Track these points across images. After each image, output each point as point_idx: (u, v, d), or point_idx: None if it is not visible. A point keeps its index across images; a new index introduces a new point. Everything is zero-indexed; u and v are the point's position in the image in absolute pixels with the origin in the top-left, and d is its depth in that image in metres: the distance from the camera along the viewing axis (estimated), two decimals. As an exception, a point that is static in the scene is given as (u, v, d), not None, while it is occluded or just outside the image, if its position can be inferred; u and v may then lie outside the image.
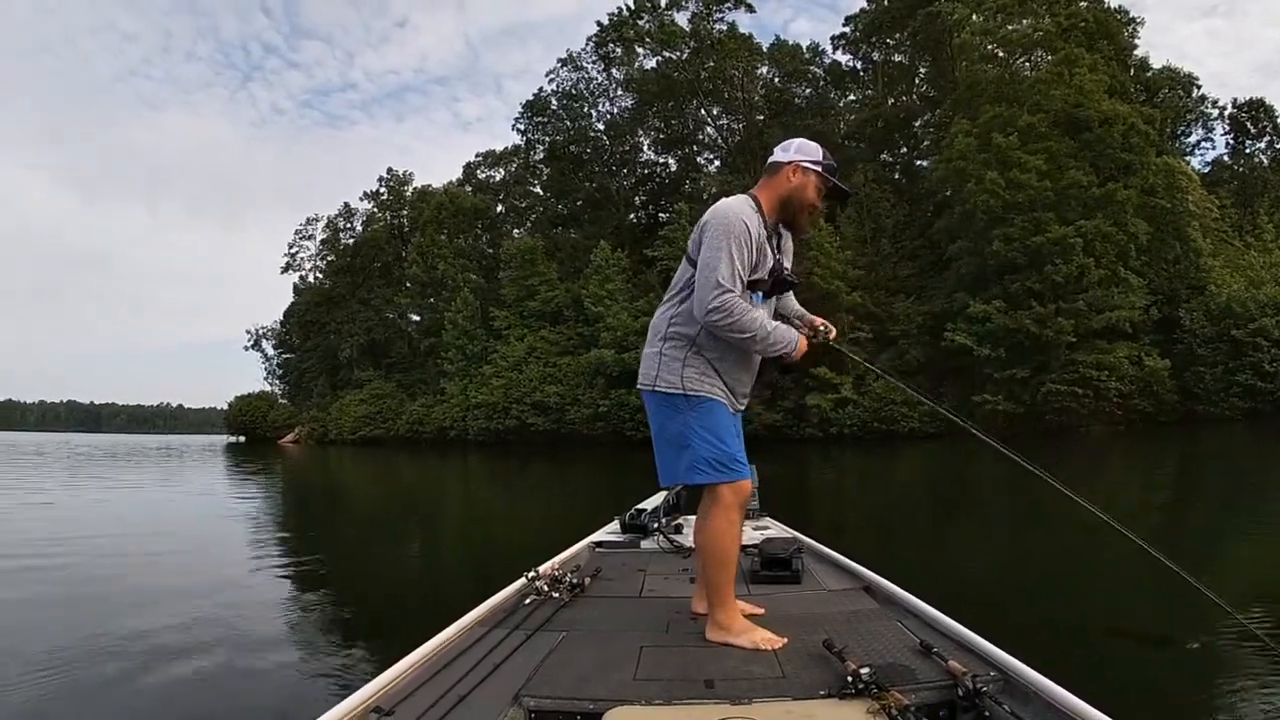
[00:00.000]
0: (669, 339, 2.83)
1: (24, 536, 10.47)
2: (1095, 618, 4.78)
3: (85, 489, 19.13)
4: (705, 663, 2.49)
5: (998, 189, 36.62)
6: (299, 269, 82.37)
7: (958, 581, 5.80)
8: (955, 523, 9.42)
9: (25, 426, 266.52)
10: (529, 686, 2.27)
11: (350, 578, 8.20)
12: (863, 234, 45.29)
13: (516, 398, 49.98)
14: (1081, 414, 35.12)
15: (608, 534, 5.03)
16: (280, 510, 16.44)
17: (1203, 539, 8.76)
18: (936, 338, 38.52)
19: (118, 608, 6.46)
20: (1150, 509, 11.69)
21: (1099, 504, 2.59)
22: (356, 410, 65.13)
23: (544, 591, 3.30)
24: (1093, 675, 3.72)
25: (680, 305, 2.84)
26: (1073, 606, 5.11)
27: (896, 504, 11.54)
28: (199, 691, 4.41)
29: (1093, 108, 37.77)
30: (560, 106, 61.90)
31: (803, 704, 2.09)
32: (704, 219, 2.77)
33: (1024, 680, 2.14)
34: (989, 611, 4.97)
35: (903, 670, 2.28)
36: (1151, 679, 3.76)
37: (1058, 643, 4.33)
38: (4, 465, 28.33)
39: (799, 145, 2.96)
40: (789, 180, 2.89)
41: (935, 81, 51.60)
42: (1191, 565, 6.54)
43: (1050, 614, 4.92)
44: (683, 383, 2.78)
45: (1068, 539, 8.14)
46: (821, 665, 2.39)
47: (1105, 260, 35.96)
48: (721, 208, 2.78)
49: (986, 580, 5.71)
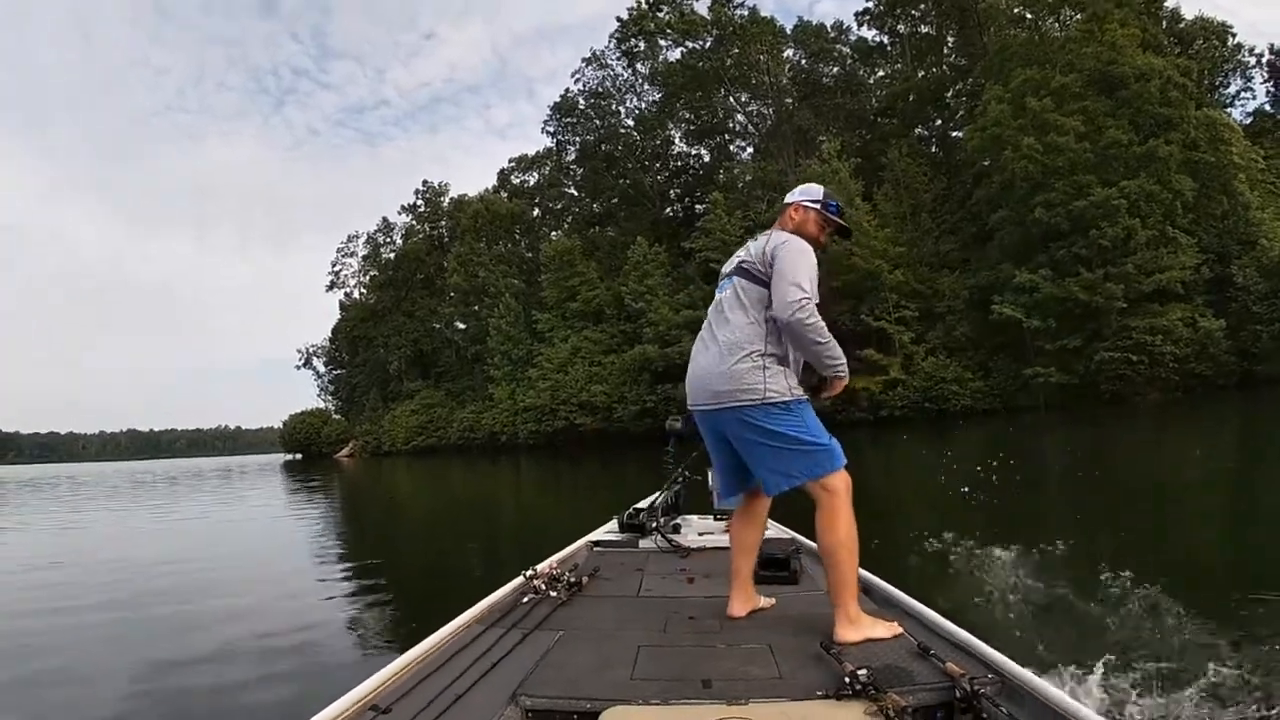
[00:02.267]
0: (767, 355, 2.91)
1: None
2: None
3: (137, 514, 19.45)
4: (702, 662, 2.48)
5: (1036, 154, 35.92)
6: (343, 286, 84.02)
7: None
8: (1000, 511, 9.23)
9: (86, 457, 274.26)
10: (526, 685, 2.27)
11: (400, 582, 8.23)
12: (901, 211, 44.60)
13: (564, 399, 50.33)
14: (1137, 381, 34.25)
15: (606, 533, 5.03)
16: (335, 520, 16.64)
17: (1273, 507, 8.47)
18: (984, 311, 37.75)
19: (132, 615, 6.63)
20: (1216, 477, 11.33)
21: (1162, 475, 2.53)
22: (408, 421, 66.07)
23: (541, 590, 3.32)
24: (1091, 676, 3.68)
25: (768, 325, 2.92)
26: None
27: (943, 491, 11.35)
28: (200, 691, 4.45)
29: (1126, 63, 36.89)
30: (588, 106, 62.13)
31: (800, 705, 2.09)
32: (771, 247, 2.94)
33: (1021, 682, 2.13)
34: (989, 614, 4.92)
35: (900, 672, 2.28)
36: (1152, 678, 3.66)
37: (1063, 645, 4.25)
38: (71, 496, 28.98)
39: (803, 189, 3.27)
40: (792, 218, 3.16)
41: (964, 49, 50.90)
42: (1265, 535, 6.31)
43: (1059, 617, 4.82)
44: (789, 390, 2.89)
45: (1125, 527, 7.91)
46: (819, 666, 2.40)
47: (1152, 220, 35.02)
48: (786, 238, 3.00)
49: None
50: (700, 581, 3.74)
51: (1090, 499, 9.91)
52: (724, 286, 3.11)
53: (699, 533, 5.00)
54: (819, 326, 2.81)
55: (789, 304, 2.78)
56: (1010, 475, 12.73)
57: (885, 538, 6.25)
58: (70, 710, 4.37)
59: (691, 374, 3.10)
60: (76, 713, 4.34)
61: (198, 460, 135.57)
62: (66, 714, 4.32)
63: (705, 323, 3.15)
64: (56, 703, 4.46)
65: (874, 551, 2.91)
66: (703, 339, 3.10)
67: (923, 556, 6.47)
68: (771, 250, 2.92)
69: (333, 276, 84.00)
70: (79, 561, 10.57)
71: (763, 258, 2.93)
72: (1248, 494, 9.86)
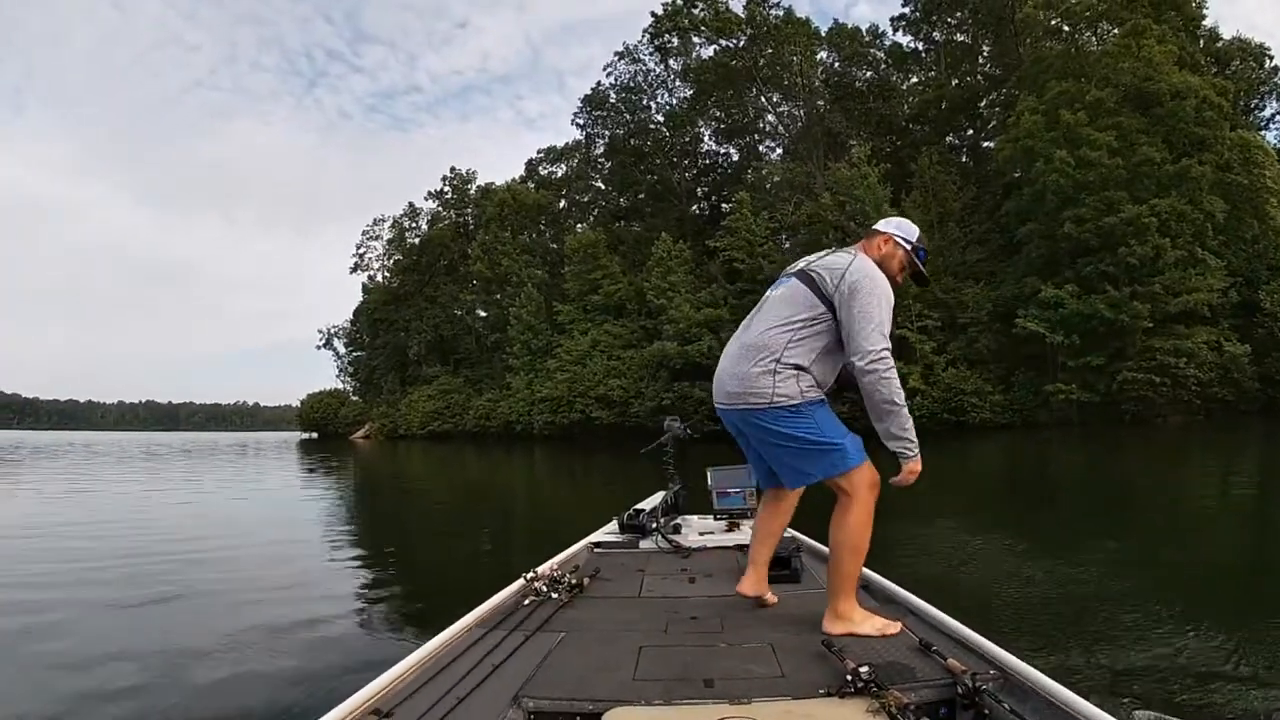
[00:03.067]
0: (785, 364, 2.87)
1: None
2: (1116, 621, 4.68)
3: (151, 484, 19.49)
4: (704, 662, 2.50)
5: (1067, 168, 35.54)
6: (367, 269, 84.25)
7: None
8: (1012, 524, 9.21)
9: (104, 426, 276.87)
10: (528, 687, 2.28)
11: (411, 572, 8.25)
12: (929, 218, 44.10)
13: (580, 391, 50.33)
14: (1158, 403, 33.84)
15: (606, 534, 5.03)
16: (348, 504, 16.71)
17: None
18: (1007, 325, 37.47)
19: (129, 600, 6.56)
20: (1233, 501, 11.31)
21: (1179, 496, 2.55)
22: (425, 406, 66.32)
23: (543, 592, 3.33)
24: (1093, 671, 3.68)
25: (801, 332, 2.89)
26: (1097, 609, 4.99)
27: (964, 504, 11.30)
28: (200, 691, 4.35)
29: (1163, 80, 36.38)
30: (619, 100, 62.08)
31: (802, 703, 2.09)
32: (853, 277, 2.85)
33: (1023, 678, 2.15)
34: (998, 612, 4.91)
35: (902, 669, 2.30)
36: (1153, 676, 3.66)
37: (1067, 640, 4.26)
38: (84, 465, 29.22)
39: (899, 223, 3.19)
40: (880, 249, 3.08)
41: (999, 59, 50.47)
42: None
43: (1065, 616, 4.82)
44: (800, 392, 2.86)
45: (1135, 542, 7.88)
46: (821, 664, 2.41)
47: (1181, 240, 34.55)
48: (871, 269, 2.91)
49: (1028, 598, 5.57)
50: (701, 581, 3.77)
51: (1105, 512, 9.89)
52: (780, 283, 3.09)
53: (699, 533, 5.03)
54: (896, 385, 2.76)
55: (869, 352, 2.74)
56: (1028, 487, 12.69)
57: (891, 538, 6.26)
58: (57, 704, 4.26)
59: (716, 372, 3.10)
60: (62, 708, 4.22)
61: (215, 434, 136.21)
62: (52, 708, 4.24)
63: (749, 315, 3.12)
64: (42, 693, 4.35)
65: (877, 552, 2.94)
66: (736, 333, 3.10)
67: (929, 556, 6.47)
68: (854, 279, 2.84)
69: (357, 259, 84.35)
70: (70, 544, 10.27)
71: (840, 278, 2.86)
72: (1267, 516, 9.82)
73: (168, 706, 4.11)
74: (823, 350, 2.90)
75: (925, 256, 3.16)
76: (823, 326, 2.88)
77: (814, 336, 2.88)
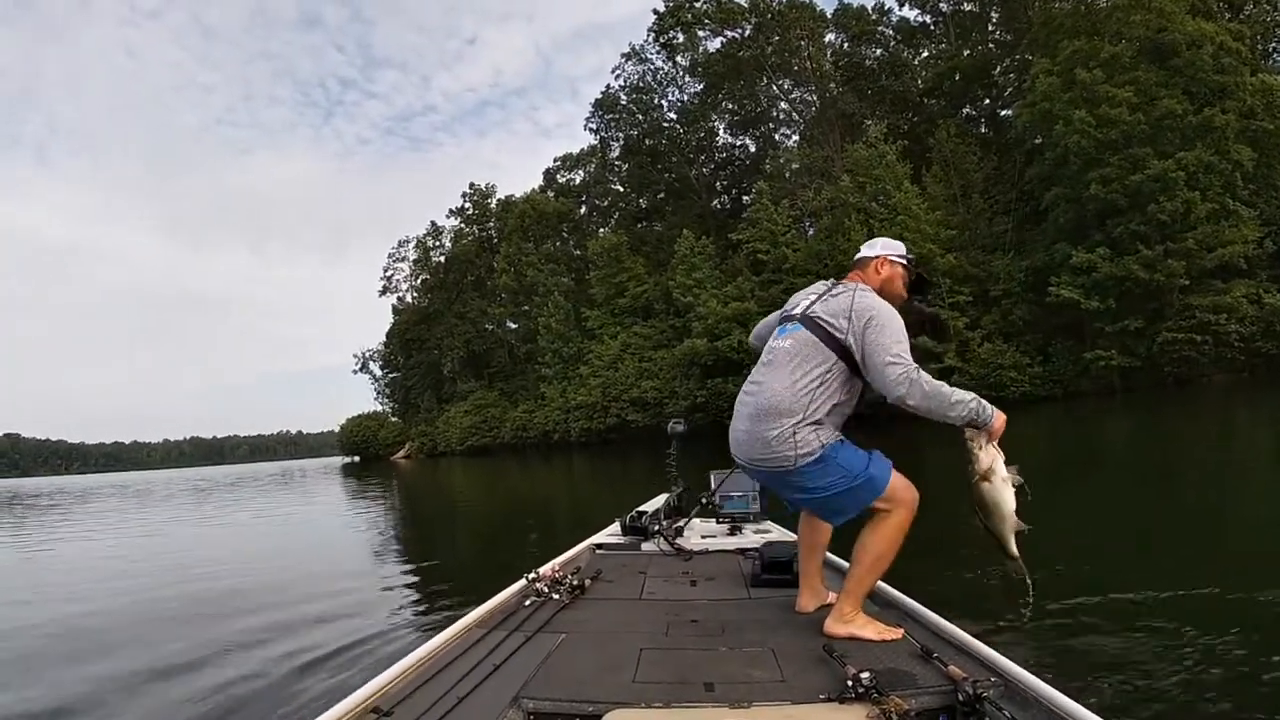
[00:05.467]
0: (802, 424, 2.84)
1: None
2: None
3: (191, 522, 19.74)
4: (705, 665, 2.51)
5: (1088, 128, 34.80)
6: (395, 290, 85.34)
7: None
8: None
9: (151, 465, 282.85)
10: (528, 688, 2.31)
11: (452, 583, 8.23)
12: (951, 192, 43.66)
13: (614, 396, 50.49)
14: (1201, 362, 33.00)
15: (608, 536, 5.08)
16: (390, 521, 16.75)
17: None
18: (1041, 294, 36.75)
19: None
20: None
21: (1226, 461, 2.40)
22: (462, 421, 66.96)
23: (544, 593, 3.36)
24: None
25: (818, 391, 2.87)
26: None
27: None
28: (200, 692, 4.39)
29: (1177, 30, 35.39)
30: (630, 101, 61.89)
31: (802, 708, 2.11)
32: (865, 311, 2.85)
33: (1024, 686, 2.14)
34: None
35: (903, 675, 2.31)
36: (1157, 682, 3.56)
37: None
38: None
39: (885, 242, 3.25)
40: (878, 273, 3.13)
41: (1009, 24, 49.60)
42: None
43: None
44: (820, 442, 2.84)
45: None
46: (821, 669, 2.42)
47: (1211, 193, 33.62)
48: (872, 299, 2.92)
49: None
50: (702, 584, 3.80)
51: (1141, 495, 9.55)
52: (784, 331, 3.03)
53: (701, 535, 5.05)
54: (924, 387, 2.72)
55: (894, 383, 2.73)
56: (1064, 467, 12.37)
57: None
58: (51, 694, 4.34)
59: (732, 428, 3.07)
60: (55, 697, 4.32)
61: (259, 465, 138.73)
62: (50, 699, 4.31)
63: (757, 366, 3.08)
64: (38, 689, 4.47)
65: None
66: (747, 389, 3.05)
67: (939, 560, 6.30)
68: (864, 317, 2.83)
69: (385, 281, 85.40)
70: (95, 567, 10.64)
71: (846, 316, 2.86)
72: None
73: (167, 706, 4.18)
74: (840, 399, 2.91)
75: (915, 262, 3.23)
76: (836, 377, 2.88)
77: (829, 389, 2.88)
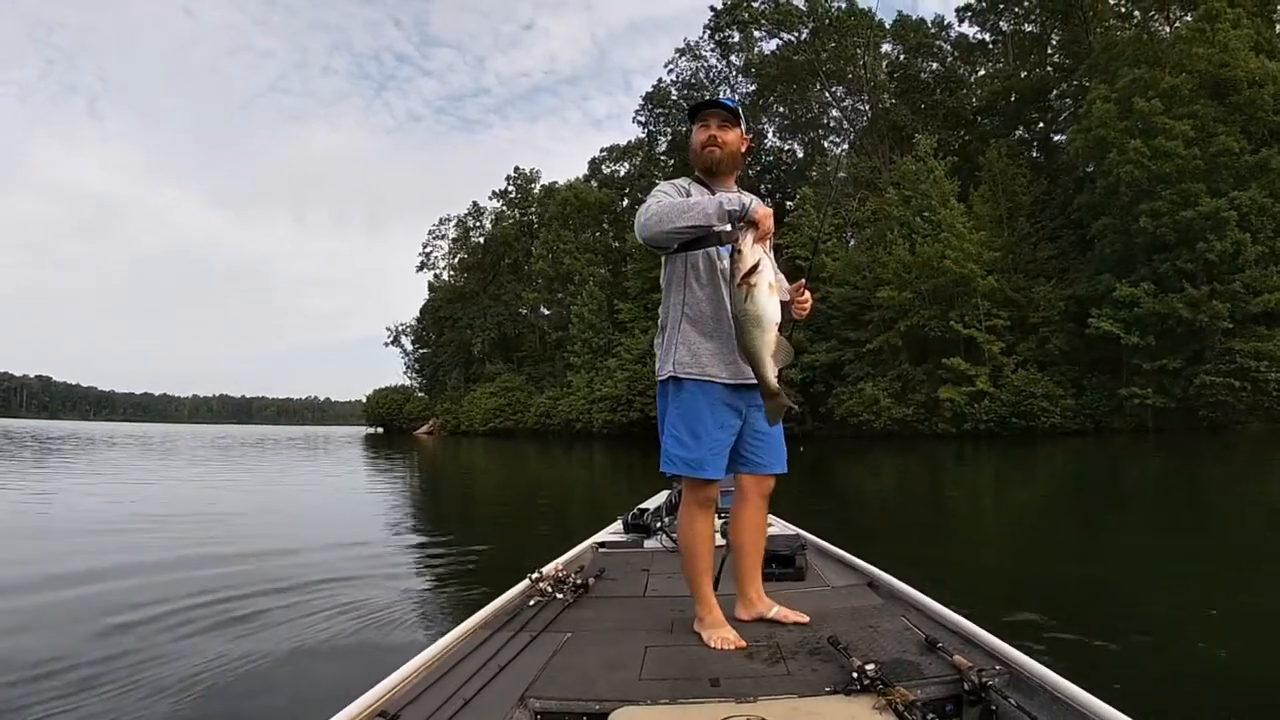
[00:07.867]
0: (664, 326, 2.91)
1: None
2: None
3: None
4: (710, 661, 2.51)
5: (1142, 159, 34.17)
6: (433, 267, 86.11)
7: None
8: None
9: (179, 418, 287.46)
10: (534, 688, 2.29)
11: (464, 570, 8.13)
12: (998, 214, 42.99)
13: (640, 390, 50.45)
14: (1238, 409, 32.28)
15: (611, 534, 5.06)
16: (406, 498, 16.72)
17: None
18: (1080, 324, 36.21)
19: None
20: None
21: (1260, 504, 2.29)
22: (487, 403, 67.31)
23: (548, 593, 3.35)
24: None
25: (671, 292, 2.90)
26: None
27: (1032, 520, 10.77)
28: (202, 691, 4.17)
29: (1239, 67, 34.67)
30: (681, 97, 61.82)
31: (809, 701, 2.09)
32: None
33: (1030, 674, 2.13)
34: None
35: (908, 665, 2.29)
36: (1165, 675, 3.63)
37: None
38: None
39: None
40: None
41: (1069, 48, 48.91)
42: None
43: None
44: (673, 365, 2.80)
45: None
46: (827, 662, 2.40)
47: (1262, 236, 32.95)
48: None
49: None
50: None
51: (1171, 529, 9.31)
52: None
53: None
54: (651, 208, 2.75)
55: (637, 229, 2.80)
56: (1092, 497, 12.09)
57: (904, 538, 5.89)
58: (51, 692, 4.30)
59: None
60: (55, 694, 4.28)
61: (284, 428, 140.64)
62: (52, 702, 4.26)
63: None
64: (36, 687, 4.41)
65: (895, 551, 2.74)
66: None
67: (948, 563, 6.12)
68: None
69: (423, 257, 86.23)
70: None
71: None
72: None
73: (168, 705, 3.97)
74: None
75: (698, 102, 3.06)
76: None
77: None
